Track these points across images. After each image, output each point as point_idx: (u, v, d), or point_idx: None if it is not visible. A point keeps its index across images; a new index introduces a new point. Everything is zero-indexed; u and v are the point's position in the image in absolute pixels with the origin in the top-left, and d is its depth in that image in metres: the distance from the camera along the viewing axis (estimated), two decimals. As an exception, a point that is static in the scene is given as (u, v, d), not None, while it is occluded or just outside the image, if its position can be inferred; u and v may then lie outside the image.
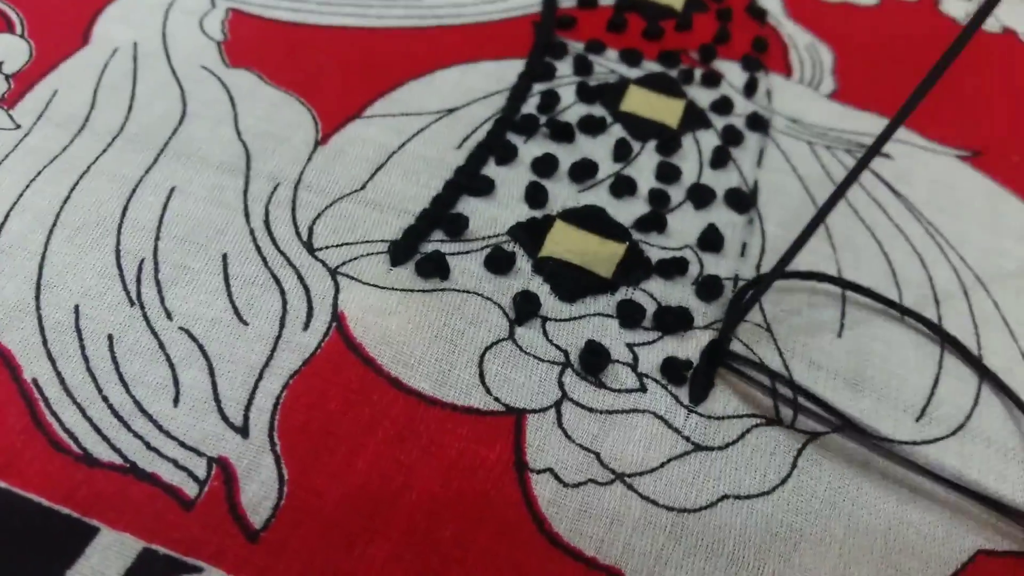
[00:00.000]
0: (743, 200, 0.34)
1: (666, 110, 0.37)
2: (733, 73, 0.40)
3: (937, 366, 0.31)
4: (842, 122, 0.39)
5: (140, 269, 0.29)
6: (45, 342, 0.27)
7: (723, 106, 0.38)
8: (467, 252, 0.30)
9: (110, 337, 0.27)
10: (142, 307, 0.28)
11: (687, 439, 0.27)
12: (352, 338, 0.28)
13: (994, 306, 0.33)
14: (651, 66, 0.40)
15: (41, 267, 0.28)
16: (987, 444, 0.29)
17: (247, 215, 0.30)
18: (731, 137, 0.37)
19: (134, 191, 0.31)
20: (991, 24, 0.46)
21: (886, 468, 0.28)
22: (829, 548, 0.26)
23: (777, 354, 0.30)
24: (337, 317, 0.28)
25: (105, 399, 0.26)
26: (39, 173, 0.31)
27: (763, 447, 0.27)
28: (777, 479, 0.27)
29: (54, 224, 0.29)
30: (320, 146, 0.33)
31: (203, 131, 0.33)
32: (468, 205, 0.32)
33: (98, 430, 0.25)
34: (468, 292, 0.29)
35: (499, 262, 0.30)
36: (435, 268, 0.29)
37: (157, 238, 0.29)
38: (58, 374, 0.26)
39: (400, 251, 0.30)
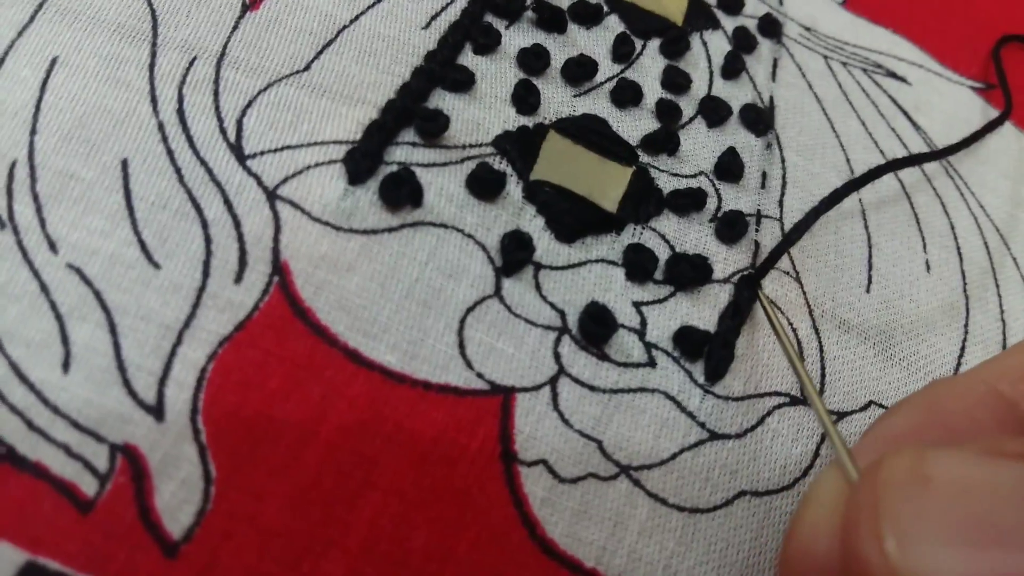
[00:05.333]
0: (760, 119, 0.29)
1: (670, 2, 0.31)
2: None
3: (963, 330, 0.27)
4: (857, 36, 0.34)
5: (11, 176, 0.22)
6: None
7: (732, 3, 0.32)
8: (444, 165, 0.24)
9: (-28, 274, 0.20)
10: (15, 232, 0.21)
11: (701, 425, 0.23)
12: (299, 300, 0.21)
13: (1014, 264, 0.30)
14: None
15: None
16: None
17: (154, 101, 0.23)
18: (743, 42, 0.31)
19: (1, 61, 0.23)
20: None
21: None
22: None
23: (807, 312, 0.25)
24: (280, 268, 0.22)
25: (-32, 361, 0.19)
26: None
27: (784, 432, 0.23)
28: (798, 471, 0.23)
29: None
30: (250, 11, 0.26)
31: (95, -20, 0.25)
32: (444, 102, 0.25)
33: (-40, 403, 0.19)
34: (445, 227, 0.23)
35: (485, 183, 0.24)
36: (405, 193, 0.23)
37: (33, 131, 0.22)
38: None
39: (361, 161, 0.23)
